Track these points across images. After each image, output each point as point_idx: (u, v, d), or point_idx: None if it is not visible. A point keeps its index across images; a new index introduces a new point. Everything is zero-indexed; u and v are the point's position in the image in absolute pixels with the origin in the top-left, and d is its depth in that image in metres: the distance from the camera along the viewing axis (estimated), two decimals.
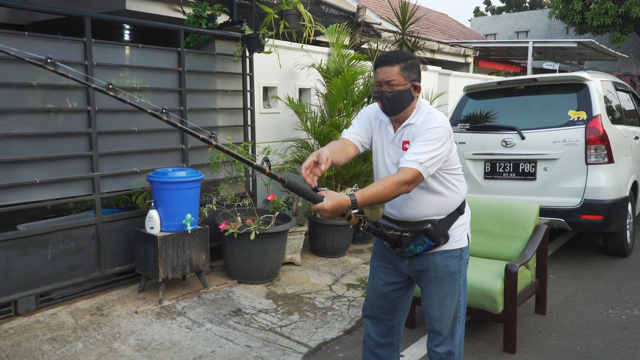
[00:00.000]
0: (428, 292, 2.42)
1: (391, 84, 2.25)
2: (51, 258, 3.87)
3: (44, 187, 3.86)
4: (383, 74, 2.27)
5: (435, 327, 2.41)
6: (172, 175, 4.11)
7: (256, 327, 3.69)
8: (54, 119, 3.92)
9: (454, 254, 2.38)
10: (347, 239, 5.41)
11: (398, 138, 2.34)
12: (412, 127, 2.29)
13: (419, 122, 2.28)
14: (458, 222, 2.40)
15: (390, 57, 2.28)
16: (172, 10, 5.95)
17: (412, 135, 2.27)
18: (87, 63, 4.00)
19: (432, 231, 2.31)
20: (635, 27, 17.66)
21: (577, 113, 5.07)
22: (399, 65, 2.26)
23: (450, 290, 2.39)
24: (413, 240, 2.34)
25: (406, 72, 2.27)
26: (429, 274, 2.39)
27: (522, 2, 37.70)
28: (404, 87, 2.26)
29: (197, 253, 4.23)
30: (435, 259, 2.37)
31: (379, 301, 2.56)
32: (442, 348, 2.41)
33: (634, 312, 3.99)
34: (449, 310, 2.39)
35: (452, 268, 2.38)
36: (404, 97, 2.27)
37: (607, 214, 4.87)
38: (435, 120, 2.26)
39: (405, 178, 2.10)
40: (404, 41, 6.65)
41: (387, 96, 2.27)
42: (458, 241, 2.39)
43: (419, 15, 6.96)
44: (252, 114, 5.38)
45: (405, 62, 2.27)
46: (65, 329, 3.58)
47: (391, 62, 2.26)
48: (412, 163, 2.13)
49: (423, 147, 2.17)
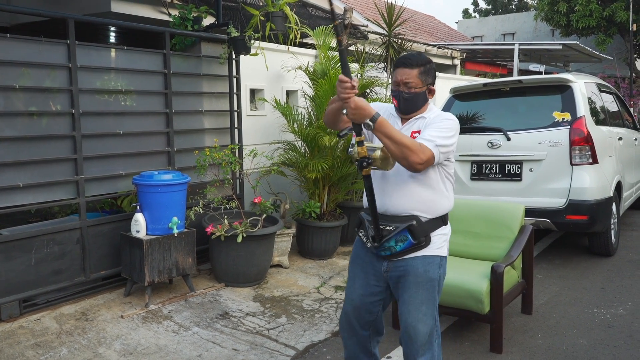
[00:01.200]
0: (405, 298, 2.36)
1: (409, 85, 2.36)
2: (35, 263, 3.82)
3: (28, 190, 3.81)
4: (402, 75, 2.37)
5: (411, 335, 2.34)
6: (158, 178, 4.08)
7: (243, 331, 3.68)
8: (37, 122, 3.87)
9: (434, 260, 2.37)
10: (335, 241, 5.41)
11: (407, 128, 2.41)
12: (424, 120, 2.39)
13: (432, 116, 2.39)
14: (441, 231, 2.40)
15: (410, 60, 2.38)
16: (158, 12, 5.91)
17: (424, 125, 2.36)
18: (70, 66, 3.96)
19: (415, 227, 2.31)
20: (619, 30, 17.90)
21: (562, 114, 5.12)
22: (418, 69, 2.37)
23: (428, 298, 2.35)
24: (395, 236, 2.32)
25: (424, 75, 2.38)
26: (408, 279, 2.35)
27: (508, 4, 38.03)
28: (420, 90, 2.38)
29: (183, 256, 4.21)
30: (415, 264, 2.34)
31: (354, 312, 2.50)
32: (421, 359, 2.35)
33: (618, 311, 4.03)
34: (426, 317, 2.34)
35: (431, 274, 2.35)
36: (419, 99, 2.39)
37: (592, 214, 4.92)
38: (450, 115, 2.39)
39: (421, 152, 2.17)
40: (390, 43, 6.66)
41: (404, 96, 2.38)
42: (439, 249, 2.39)
43: (405, 17, 6.98)
44: (238, 117, 5.36)
45: (424, 66, 2.39)
46: (50, 334, 3.53)
47: (411, 65, 2.37)
48: (429, 143, 2.22)
49: (438, 132, 2.27)
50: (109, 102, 4.31)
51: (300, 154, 5.46)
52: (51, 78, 3.92)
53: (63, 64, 3.95)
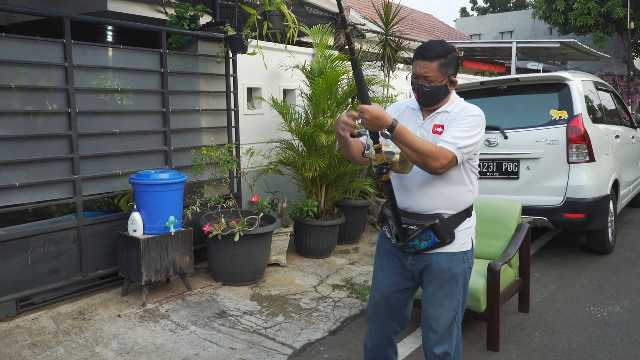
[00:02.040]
0: (429, 291, 2.40)
1: (429, 79, 2.27)
2: (32, 262, 3.82)
3: (24, 190, 3.80)
4: (421, 68, 2.28)
5: (432, 326, 2.39)
6: (154, 177, 4.07)
7: (241, 329, 3.68)
8: (33, 122, 3.86)
9: (457, 256, 2.37)
10: (333, 239, 5.41)
11: (428, 123, 2.35)
12: (447, 115, 2.31)
13: (456, 110, 2.31)
14: (465, 225, 2.38)
15: (430, 51, 2.27)
16: (155, 11, 5.90)
17: (448, 120, 2.29)
18: (67, 65, 3.96)
19: (439, 227, 2.29)
20: (617, 27, 17.92)
21: (559, 112, 5.12)
22: (438, 61, 2.26)
23: (451, 292, 2.37)
24: (419, 235, 2.32)
25: (444, 68, 2.27)
26: (432, 274, 2.38)
27: (506, 2, 38.03)
28: (441, 83, 2.28)
29: (180, 255, 4.20)
30: (439, 260, 2.35)
31: (383, 302, 2.53)
32: (439, 348, 2.39)
33: (615, 309, 4.03)
34: (448, 311, 2.37)
35: (454, 271, 2.36)
36: (440, 91, 2.30)
37: (589, 212, 4.93)
38: (474, 109, 2.30)
39: (442, 155, 2.13)
40: (387, 42, 6.66)
41: (424, 90, 2.30)
42: (463, 244, 2.38)
43: (402, 16, 6.98)
44: (235, 115, 5.35)
45: (444, 58, 2.27)
46: (47, 333, 3.53)
47: (430, 57, 2.26)
48: (451, 146, 2.16)
49: (462, 132, 2.20)
50: (106, 101, 4.30)
51: (297, 152, 5.46)
52: (47, 77, 3.91)
53: (59, 63, 3.94)
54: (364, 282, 4.65)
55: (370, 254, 5.50)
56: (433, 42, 2.32)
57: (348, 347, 3.45)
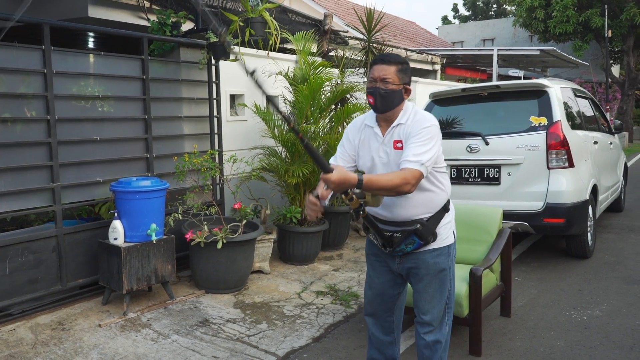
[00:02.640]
0: (419, 288, 2.54)
1: (386, 81, 2.37)
2: (9, 272, 3.75)
3: (3, 198, 3.74)
4: (380, 71, 2.39)
5: (425, 319, 2.55)
6: (135, 185, 4.04)
7: (223, 337, 3.65)
8: (11, 129, 3.81)
9: (442, 251, 2.52)
10: (317, 246, 5.41)
11: (388, 138, 2.44)
12: (403, 127, 2.41)
13: (409, 122, 2.40)
14: (444, 220, 2.52)
15: (389, 56, 2.43)
16: (137, 18, 5.88)
17: (405, 134, 2.38)
18: (46, 71, 3.91)
19: (421, 230, 2.43)
20: (595, 36, 18.27)
21: (539, 119, 5.19)
22: (396, 66, 2.40)
23: (441, 285, 2.53)
24: (404, 240, 2.45)
25: (401, 74, 2.41)
26: (420, 271, 2.51)
27: (487, 10, 38.58)
28: (397, 87, 2.39)
29: (162, 263, 4.16)
30: (425, 257, 2.49)
31: (377, 299, 2.69)
32: (430, 336, 2.55)
33: (594, 312, 4.09)
34: (440, 303, 2.54)
35: (441, 265, 2.51)
36: (395, 96, 2.40)
37: (569, 217, 5.00)
38: (426, 119, 2.38)
39: (410, 178, 2.22)
40: (369, 49, 6.71)
41: (380, 92, 2.39)
42: (445, 239, 2.53)
43: (385, 23, 7.04)
44: (218, 122, 5.34)
45: (401, 65, 2.42)
46: (24, 345, 3.46)
47: (389, 62, 2.40)
48: (415, 164, 2.25)
49: (421, 148, 2.29)
50: (86, 108, 4.26)
51: (280, 159, 5.46)
52: (26, 84, 3.86)
53: (38, 69, 3.89)
54: (347, 288, 4.65)
55: (354, 260, 5.51)
56: (391, 53, 2.53)
57: (332, 354, 3.44)
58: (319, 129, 5.55)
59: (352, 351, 3.48)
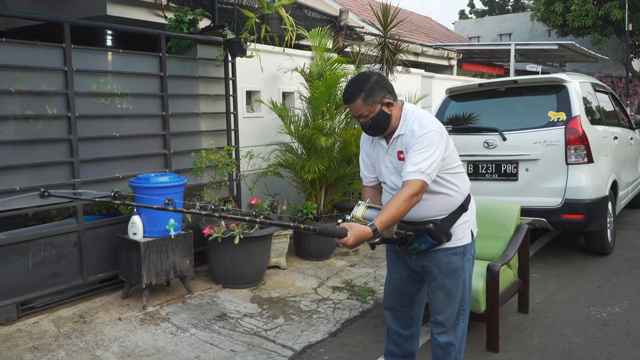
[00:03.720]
0: (433, 286, 2.55)
1: (362, 115, 2.39)
2: (32, 266, 3.83)
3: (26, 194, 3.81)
4: (352, 110, 2.41)
5: (438, 319, 2.55)
6: (154, 181, 4.09)
7: (241, 332, 3.68)
8: (33, 126, 3.88)
9: (456, 251, 2.50)
10: (332, 242, 5.42)
11: (391, 149, 2.46)
12: (403, 137, 2.40)
13: (407, 131, 2.38)
14: (461, 220, 2.50)
15: (348, 93, 2.38)
16: (154, 16, 5.93)
17: (405, 144, 2.38)
18: (66, 69, 3.97)
19: (434, 231, 2.42)
20: (615, 29, 17.95)
21: (557, 114, 5.13)
22: (359, 98, 2.36)
23: (454, 286, 2.51)
24: (417, 239, 2.45)
25: (369, 99, 2.36)
26: (433, 269, 2.51)
27: (504, 5, 38.11)
28: (374, 113, 2.38)
29: (181, 258, 4.21)
30: (438, 256, 2.49)
31: (397, 294, 2.70)
32: (443, 337, 2.55)
33: (614, 309, 4.04)
34: (453, 304, 2.52)
35: (454, 265, 2.49)
36: (380, 119, 2.39)
37: (588, 213, 4.94)
38: (422, 126, 2.34)
39: (412, 191, 2.23)
40: (385, 44, 6.68)
41: (366, 125, 2.43)
42: (461, 239, 2.51)
43: (401, 18, 7.00)
44: (235, 118, 5.37)
45: (364, 92, 2.35)
46: (47, 337, 3.54)
47: (351, 99, 2.37)
48: (414, 174, 2.26)
49: (419, 156, 2.28)
50: (105, 105, 4.32)
51: (296, 155, 5.48)
52: (47, 82, 3.93)
53: (59, 67, 3.96)
54: (363, 284, 4.66)
55: (369, 256, 5.51)
56: (350, 83, 2.41)
57: (348, 348, 3.46)
58: (335, 124, 5.55)
59: (368, 346, 3.49)
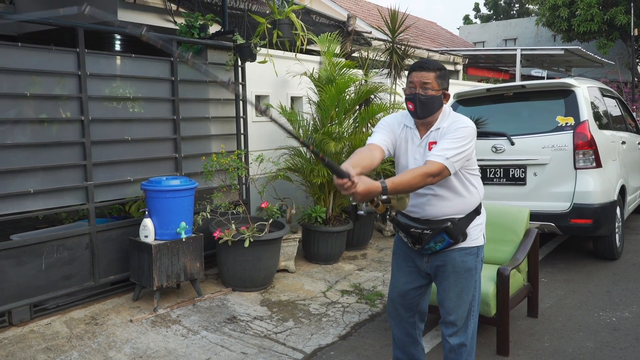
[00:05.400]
0: (445, 286, 2.56)
1: (426, 87, 2.39)
2: (45, 268, 3.87)
3: (38, 197, 3.86)
4: (420, 77, 2.40)
5: (450, 319, 2.56)
6: (166, 184, 4.12)
7: (251, 334, 3.71)
8: (47, 129, 3.93)
9: (471, 251, 2.53)
10: (341, 245, 5.44)
11: (425, 142, 2.46)
12: (440, 131, 2.42)
13: (446, 125, 2.42)
14: (475, 222, 2.54)
15: (428, 63, 2.44)
16: (164, 21, 5.99)
17: (440, 136, 2.40)
18: (80, 73, 4.02)
19: (452, 229, 2.44)
20: (620, 34, 17.94)
21: (565, 119, 5.15)
22: (435, 72, 2.41)
23: (467, 285, 2.54)
24: (433, 238, 2.47)
25: (440, 79, 2.42)
26: (447, 269, 2.52)
27: (509, 10, 38.14)
28: (437, 93, 2.41)
29: (191, 261, 4.24)
30: (453, 255, 2.51)
31: (400, 299, 2.70)
32: (455, 339, 2.56)
33: (624, 314, 4.04)
34: (465, 303, 2.54)
35: (469, 264, 2.52)
36: (435, 102, 2.41)
37: (596, 218, 4.95)
38: (462, 121, 2.41)
39: (431, 170, 2.23)
40: (394, 49, 6.72)
41: (420, 99, 2.40)
42: (475, 239, 2.54)
43: (408, 24, 7.05)
44: (244, 123, 5.41)
45: (440, 71, 2.43)
46: (60, 338, 3.57)
47: (429, 68, 2.41)
48: (439, 157, 2.27)
49: (450, 144, 2.31)
50: (118, 109, 4.37)
51: (305, 159, 5.51)
52: (61, 86, 3.98)
53: (73, 71, 4.01)
54: (372, 287, 4.67)
55: (378, 260, 5.53)
56: (428, 59, 2.48)
57: (358, 351, 3.48)
58: (344, 129, 5.58)
59: (378, 349, 3.51)
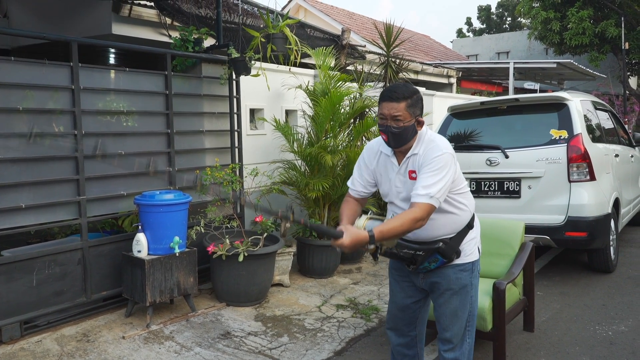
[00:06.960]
0: (440, 303, 2.54)
1: (397, 119, 2.33)
2: (36, 284, 3.81)
3: (30, 211, 3.82)
4: (390, 109, 2.33)
5: (446, 336, 2.54)
6: (159, 198, 4.09)
7: (245, 350, 3.66)
8: (40, 143, 3.89)
9: (465, 267, 2.51)
10: (336, 259, 5.41)
11: (404, 169, 2.44)
12: (417, 157, 2.39)
13: (421, 152, 2.38)
14: (468, 237, 2.52)
15: (397, 92, 2.34)
16: (159, 35, 6.00)
17: (418, 164, 2.37)
18: (73, 87, 4.01)
19: (444, 249, 2.42)
20: (612, 47, 18.13)
21: (559, 132, 5.17)
22: (405, 102, 2.33)
23: (462, 302, 2.51)
24: (427, 258, 2.44)
25: (412, 108, 2.35)
26: (442, 286, 2.51)
27: (502, 23, 38.55)
28: (409, 123, 2.35)
29: (185, 276, 4.20)
30: (447, 273, 2.49)
31: (400, 313, 2.69)
32: (450, 354, 2.54)
33: (620, 327, 4.03)
34: (461, 320, 2.52)
35: (463, 281, 2.50)
36: (408, 132, 2.36)
37: (591, 231, 4.95)
38: (438, 147, 2.35)
39: (419, 215, 2.22)
40: (388, 63, 6.75)
41: (392, 131, 2.35)
42: (469, 255, 2.52)
43: (403, 38, 7.09)
44: (239, 136, 5.40)
45: (411, 98, 2.35)
46: (51, 356, 3.51)
47: (397, 98, 2.33)
48: (424, 197, 2.24)
49: (431, 179, 2.27)
50: (111, 122, 4.35)
51: (300, 173, 5.49)
52: (54, 100, 3.96)
53: (66, 85, 3.99)
54: (367, 302, 4.64)
55: (373, 274, 5.50)
56: (398, 85, 2.40)
57: None
58: (339, 142, 5.58)
59: None
